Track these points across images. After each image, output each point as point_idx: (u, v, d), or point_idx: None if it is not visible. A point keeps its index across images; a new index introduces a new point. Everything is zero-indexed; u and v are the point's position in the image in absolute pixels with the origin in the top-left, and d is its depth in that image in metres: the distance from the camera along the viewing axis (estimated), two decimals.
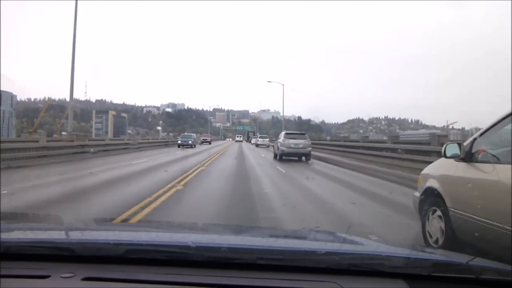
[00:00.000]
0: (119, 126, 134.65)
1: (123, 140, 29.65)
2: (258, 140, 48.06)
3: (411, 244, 1.49)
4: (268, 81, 57.78)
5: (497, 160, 3.27)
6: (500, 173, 3.08)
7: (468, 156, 3.56)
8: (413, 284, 1.37)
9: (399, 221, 5.77)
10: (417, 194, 4.49)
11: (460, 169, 3.65)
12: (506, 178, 2.94)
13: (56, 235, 1.92)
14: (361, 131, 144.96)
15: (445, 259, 1.58)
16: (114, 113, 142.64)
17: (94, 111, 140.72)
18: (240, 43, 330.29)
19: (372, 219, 5.97)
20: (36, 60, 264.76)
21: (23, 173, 11.38)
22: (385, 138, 31.24)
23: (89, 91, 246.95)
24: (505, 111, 3.38)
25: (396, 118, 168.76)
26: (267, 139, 47.19)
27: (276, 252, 1.59)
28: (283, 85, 51.69)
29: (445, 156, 3.84)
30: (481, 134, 3.59)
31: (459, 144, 3.71)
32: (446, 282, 1.40)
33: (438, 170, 4.22)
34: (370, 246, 1.87)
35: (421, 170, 4.60)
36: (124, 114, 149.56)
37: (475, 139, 3.62)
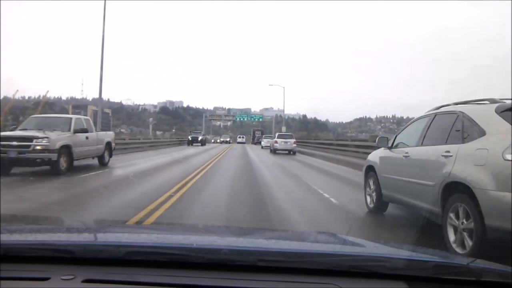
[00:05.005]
0: (102, 124, 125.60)
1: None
2: (277, 143, 28.98)
3: (412, 246, 1.55)
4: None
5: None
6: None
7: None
8: (414, 286, 1.43)
9: None
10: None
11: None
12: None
13: (56, 237, 1.99)
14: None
15: (446, 261, 1.64)
16: (94, 108, 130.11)
17: (70, 106, 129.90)
18: (242, 41, 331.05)
19: None
20: (33, 58, 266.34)
21: None
22: None
23: (86, 89, 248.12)
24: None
25: (404, 117, 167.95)
26: (293, 140, 29.04)
27: (276, 254, 1.65)
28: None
29: None
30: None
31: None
32: (447, 283, 1.46)
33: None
34: (370, 247, 1.94)
35: None
36: (107, 110, 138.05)
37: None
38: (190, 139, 42.03)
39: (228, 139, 70.66)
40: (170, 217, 6.28)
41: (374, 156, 6.99)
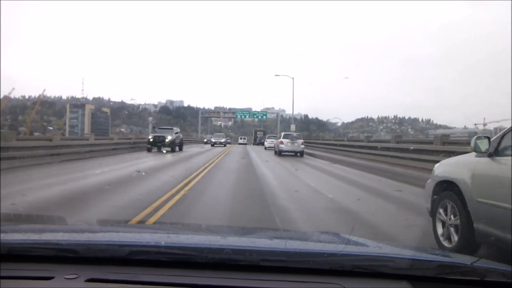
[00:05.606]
0: (100, 123, 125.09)
1: None
2: (282, 144, 25.15)
3: (415, 245, 1.55)
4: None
5: None
6: None
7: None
8: (417, 286, 1.44)
9: None
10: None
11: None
12: None
13: (59, 236, 2.01)
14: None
15: (450, 261, 1.65)
16: (92, 107, 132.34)
17: (68, 105, 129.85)
18: (243, 41, 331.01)
19: None
20: (34, 57, 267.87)
21: None
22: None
23: (86, 88, 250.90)
24: None
25: (406, 117, 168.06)
26: (300, 141, 25.43)
27: (279, 254, 1.67)
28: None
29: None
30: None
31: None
32: (450, 283, 1.47)
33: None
34: (373, 247, 1.95)
35: None
36: (106, 109, 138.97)
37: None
38: (151, 140, 24.77)
39: (223, 140, 46.21)
40: None
41: (455, 167, 4.62)
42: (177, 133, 27.57)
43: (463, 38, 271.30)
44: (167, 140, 25.17)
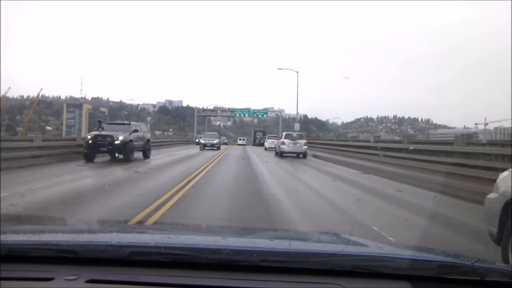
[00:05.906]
0: (98, 123, 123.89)
1: None
2: (284, 144, 23.68)
3: (416, 245, 1.56)
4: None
5: None
6: None
7: None
8: (418, 285, 1.45)
9: None
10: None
11: None
12: None
13: (59, 237, 2.01)
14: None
15: (450, 261, 1.65)
16: (90, 107, 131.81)
17: (65, 105, 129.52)
18: (243, 41, 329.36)
19: None
20: (33, 57, 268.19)
21: None
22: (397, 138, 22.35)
23: (85, 88, 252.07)
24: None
25: (406, 117, 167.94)
26: (303, 141, 23.83)
27: (280, 254, 1.67)
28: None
29: None
30: None
31: None
32: (451, 283, 1.48)
33: None
34: (374, 247, 1.96)
35: None
36: (103, 109, 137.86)
37: None
38: (90, 142, 16.26)
39: (215, 141, 36.16)
40: None
41: None
42: (136, 130, 18.37)
43: (463, 38, 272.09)
44: (117, 142, 16.37)
